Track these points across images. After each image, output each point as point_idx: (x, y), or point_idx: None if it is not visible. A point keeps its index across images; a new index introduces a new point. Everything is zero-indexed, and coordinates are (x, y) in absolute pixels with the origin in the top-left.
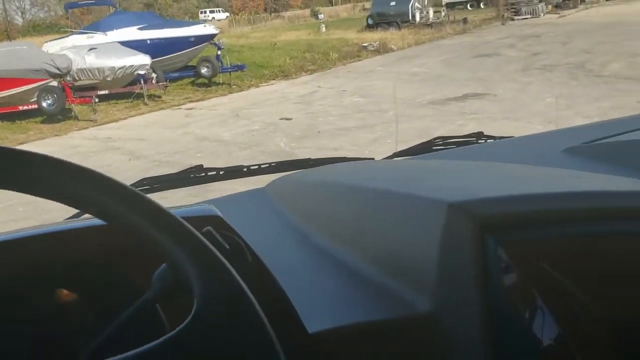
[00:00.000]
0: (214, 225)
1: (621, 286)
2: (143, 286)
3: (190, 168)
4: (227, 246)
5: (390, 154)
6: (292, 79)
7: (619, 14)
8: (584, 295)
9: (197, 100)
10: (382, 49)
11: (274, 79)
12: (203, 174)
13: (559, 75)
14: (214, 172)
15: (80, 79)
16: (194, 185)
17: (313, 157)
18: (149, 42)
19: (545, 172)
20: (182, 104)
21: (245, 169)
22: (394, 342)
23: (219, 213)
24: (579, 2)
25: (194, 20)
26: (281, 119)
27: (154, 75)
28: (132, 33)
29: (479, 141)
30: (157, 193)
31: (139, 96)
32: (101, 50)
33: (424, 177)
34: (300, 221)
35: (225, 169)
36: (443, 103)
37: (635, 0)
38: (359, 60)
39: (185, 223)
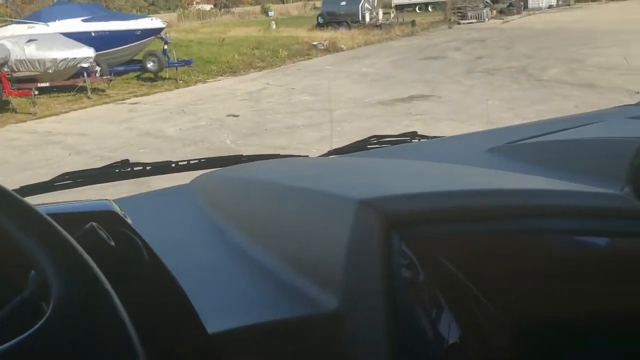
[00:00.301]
0: (106, 221)
1: (524, 285)
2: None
3: (115, 163)
4: (113, 243)
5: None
6: (241, 75)
7: (560, 21)
8: (487, 294)
9: (142, 95)
10: (332, 48)
11: (221, 75)
12: (129, 169)
13: (501, 79)
14: (140, 168)
15: (19, 70)
16: (118, 180)
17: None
18: (93, 34)
19: (463, 171)
20: (127, 99)
21: (173, 165)
22: (296, 341)
23: (115, 208)
24: (522, 8)
25: (142, 13)
26: (228, 115)
27: (97, 68)
28: (76, 25)
29: (413, 140)
30: (87, 187)
31: (82, 90)
32: (42, 41)
33: (343, 174)
34: (220, 219)
35: (152, 165)
36: (391, 104)
37: (574, 9)
38: (308, 59)
39: (51, 221)
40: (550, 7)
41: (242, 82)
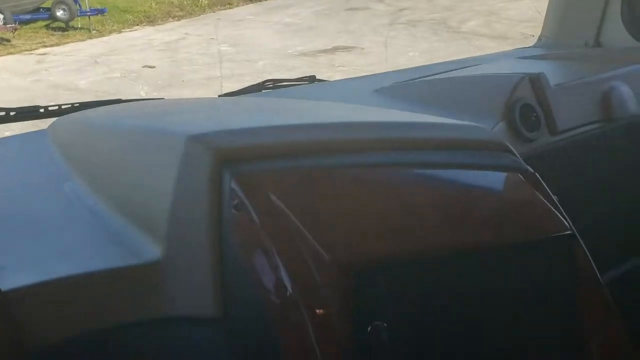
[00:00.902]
0: None
1: (360, 221)
2: None
3: None
4: None
5: None
6: (158, 25)
7: None
8: (319, 232)
9: (52, 46)
10: None
11: (138, 25)
12: None
13: (422, 31)
14: (2, 113)
15: None
16: None
17: None
18: None
19: (326, 107)
20: (35, 49)
21: (42, 110)
22: (112, 292)
23: None
24: None
25: None
26: (144, 66)
27: (0, 16)
28: None
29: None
30: None
31: None
32: None
33: (192, 113)
34: (66, 165)
35: (17, 110)
36: (314, 55)
37: None
38: (230, 8)
39: None
40: None
41: (159, 32)
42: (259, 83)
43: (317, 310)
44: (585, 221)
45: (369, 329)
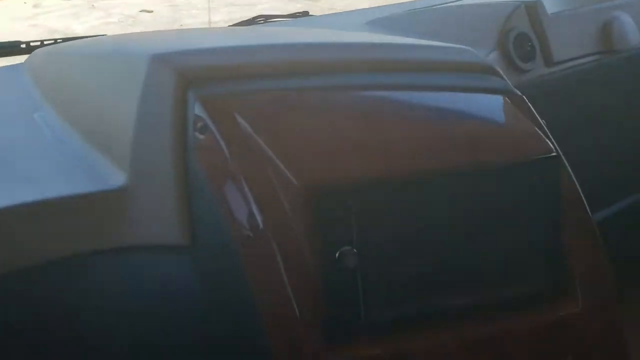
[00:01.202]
0: None
1: (330, 143)
2: None
3: None
4: None
5: None
6: None
7: None
8: (285, 156)
9: None
10: None
11: None
12: None
13: None
14: None
15: None
16: None
17: None
18: None
19: (302, 31)
20: None
21: (23, 45)
22: (74, 220)
23: None
24: None
25: None
26: (141, 11)
27: None
28: None
29: None
30: None
31: None
32: None
33: (159, 38)
34: (40, 95)
35: None
36: None
37: None
38: None
39: None
40: None
41: None
42: (250, 19)
43: (285, 237)
44: (582, 156)
45: (337, 254)
